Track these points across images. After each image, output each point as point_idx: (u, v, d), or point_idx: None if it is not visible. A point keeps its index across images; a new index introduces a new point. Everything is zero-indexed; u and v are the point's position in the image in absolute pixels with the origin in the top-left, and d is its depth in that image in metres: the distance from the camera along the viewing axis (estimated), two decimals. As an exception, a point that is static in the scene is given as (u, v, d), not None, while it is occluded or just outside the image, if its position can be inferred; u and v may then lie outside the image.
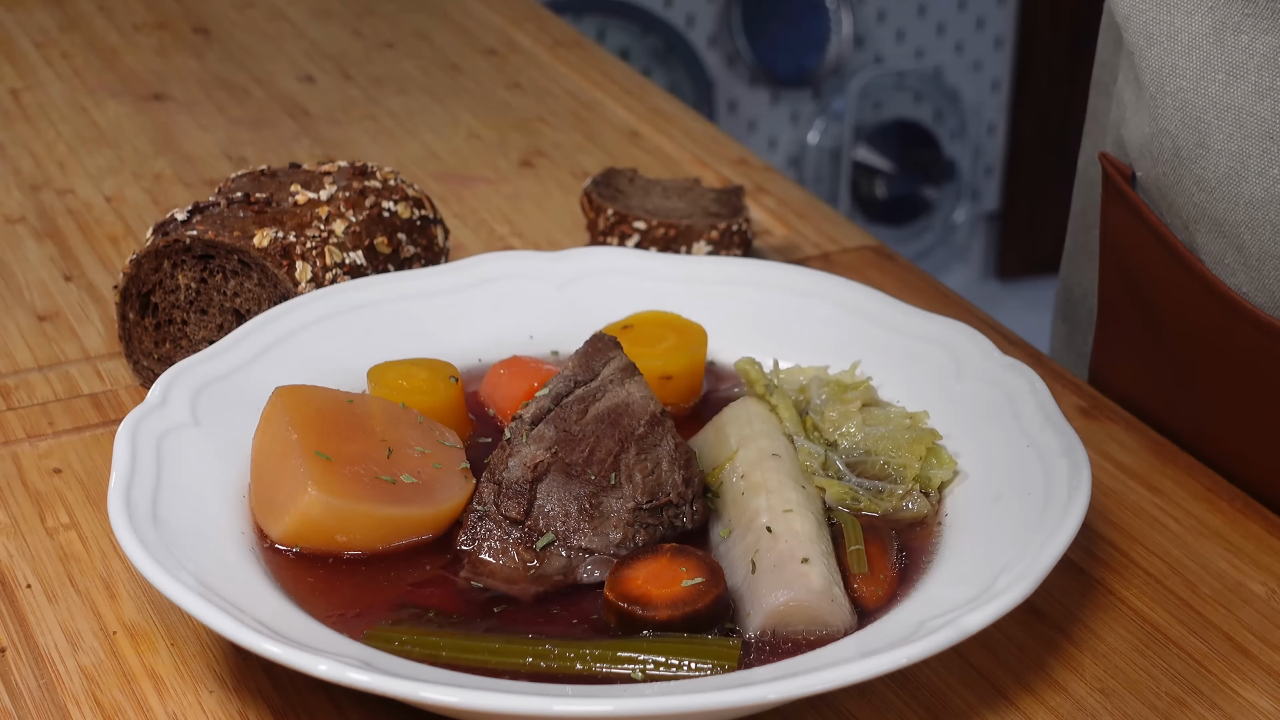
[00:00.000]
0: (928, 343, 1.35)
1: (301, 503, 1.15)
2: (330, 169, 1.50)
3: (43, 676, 1.14)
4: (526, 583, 1.14)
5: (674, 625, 1.09)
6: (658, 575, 1.11)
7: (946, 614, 1.06)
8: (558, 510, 1.16)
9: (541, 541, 1.15)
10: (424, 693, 1.00)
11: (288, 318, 1.35)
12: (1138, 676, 1.16)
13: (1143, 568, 1.26)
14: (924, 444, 1.25)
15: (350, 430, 1.20)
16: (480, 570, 1.15)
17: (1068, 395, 1.46)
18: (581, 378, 1.23)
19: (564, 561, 1.15)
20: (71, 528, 1.28)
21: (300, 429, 1.18)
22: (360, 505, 1.16)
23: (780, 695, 1.00)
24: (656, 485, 1.18)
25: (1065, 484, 1.16)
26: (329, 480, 1.16)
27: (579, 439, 1.19)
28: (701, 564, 1.12)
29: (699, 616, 1.09)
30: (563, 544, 1.15)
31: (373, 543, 1.17)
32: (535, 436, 1.18)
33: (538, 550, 1.15)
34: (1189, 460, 1.38)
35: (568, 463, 1.18)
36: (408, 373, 1.31)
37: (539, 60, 2.14)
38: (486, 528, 1.16)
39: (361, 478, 1.17)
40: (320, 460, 1.16)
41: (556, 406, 1.20)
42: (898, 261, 1.68)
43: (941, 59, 4.24)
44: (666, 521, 1.18)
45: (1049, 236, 3.97)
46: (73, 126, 1.94)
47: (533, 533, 1.16)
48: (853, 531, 1.18)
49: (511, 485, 1.16)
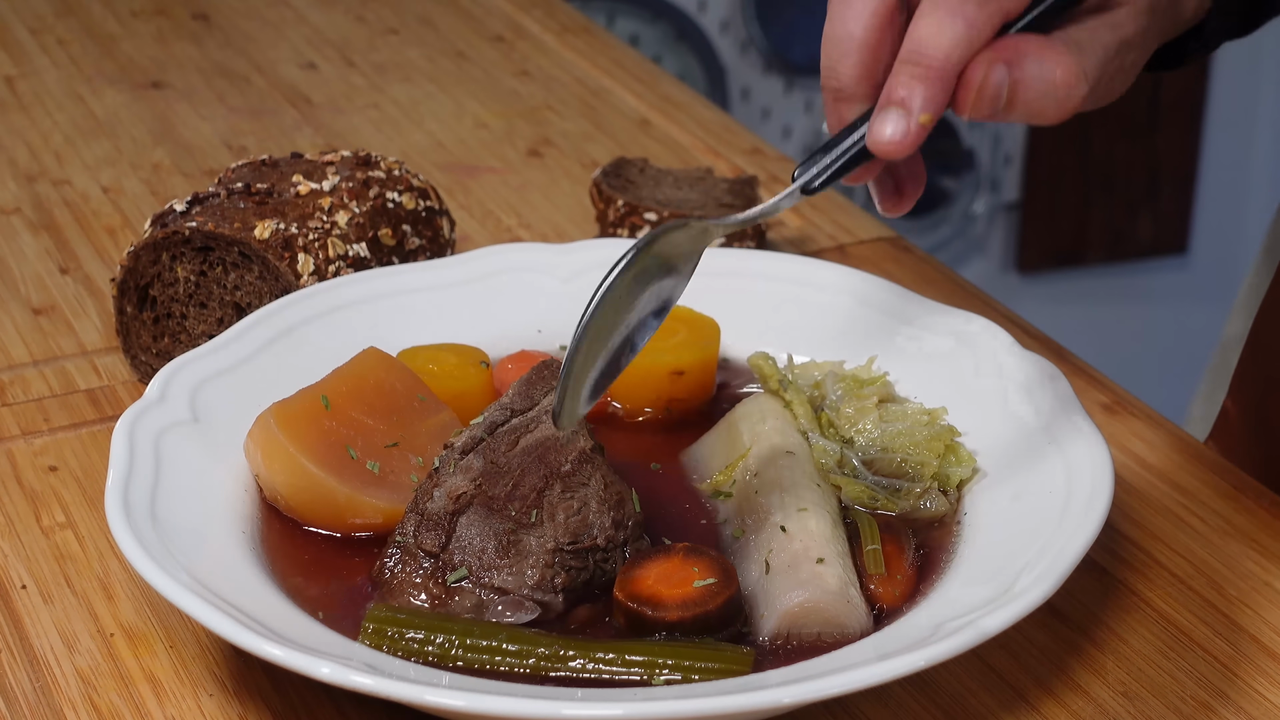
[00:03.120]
0: (946, 337, 1.35)
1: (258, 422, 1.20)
2: (333, 159, 1.50)
3: (38, 679, 1.14)
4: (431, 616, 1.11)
5: (685, 626, 1.09)
6: (669, 575, 1.11)
7: (965, 615, 1.06)
8: (475, 545, 1.13)
9: (453, 577, 1.12)
10: (429, 696, 1.00)
11: (289, 312, 1.35)
12: (1162, 680, 1.15)
13: (1167, 568, 1.26)
14: (942, 441, 1.25)
15: (383, 410, 1.23)
16: (391, 600, 1.13)
17: (1090, 390, 1.45)
18: (519, 406, 1.20)
19: (476, 599, 1.12)
20: (68, 527, 1.28)
21: (341, 380, 1.22)
22: (302, 458, 1.18)
23: (795, 699, 1.00)
24: (582, 526, 1.14)
25: (1087, 482, 1.16)
26: (292, 418, 1.19)
27: (504, 472, 1.16)
28: (714, 564, 1.12)
29: (711, 618, 1.09)
30: (475, 581, 1.12)
31: (309, 508, 1.19)
32: (463, 467, 1.16)
33: (448, 585, 1.13)
34: (1215, 458, 1.38)
35: (490, 496, 1.15)
36: (437, 357, 1.32)
37: (547, 47, 2.14)
38: (402, 558, 1.14)
39: (331, 442, 1.19)
40: (314, 403, 1.19)
41: (489, 436, 1.18)
42: (914, 253, 1.68)
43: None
44: (593, 565, 1.14)
45: (1070, 228, 3.97)
46: (69, 115, 1.94)
47: (446, 567, 1.13)
48: (869, 531, 1.18)
49: (431, 516, 1.14)
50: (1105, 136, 3.90)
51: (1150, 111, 3.90)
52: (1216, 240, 3.98)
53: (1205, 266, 4.00)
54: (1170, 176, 3.95)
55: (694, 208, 1.58)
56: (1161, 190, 3.96)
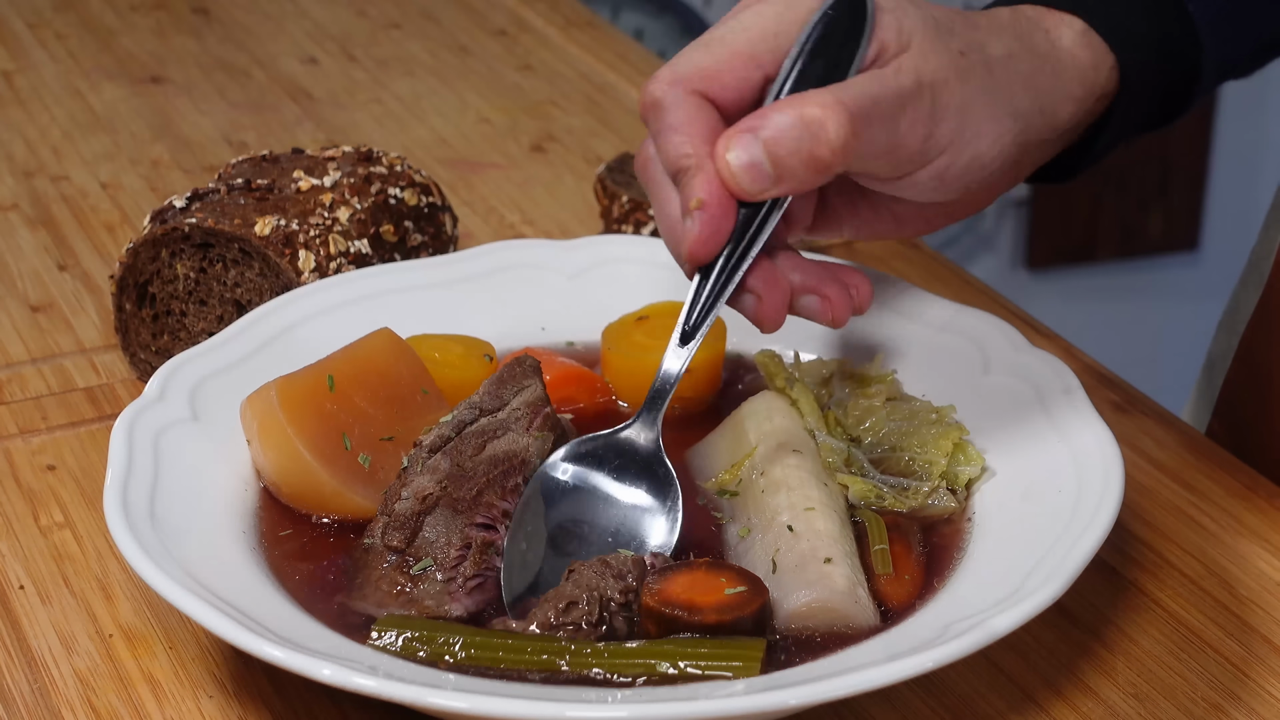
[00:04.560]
0: (954, 334, 1.35)
1: (259, 392, 1.21)
2: (334, 154, 1.50)
3: (36, 681, 1.14)
4: (396, 606, 1.12)
5: (723, 629, 1.08)
6: (699, 584, 1.10)
7: (974, 616, 1.06)
8: (440, 541, 1.14)
9: (417, 567, 1.13)
10: (431, 698, 1.00)
11: (290, 309, 1.35)
12: (1172, 681, 1.15)
13: (1178, 568, 1.26)
14: (950, 439, 1.25)
15: (385, 398, 1.23)
16: (354, 594, 1.13)
17: (1100, 389, 1.45)
18: (488, 406, 1.21)
19: (438, 588, 1.13)
20: (66, 527, 1.28)
21: (349, 361, 1.23)
22: (297, 441, 1.18)
23: (801, 700, 1.00)
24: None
25: (1097, 481, 1.16)
26: (295, 397, 1.20)
27: (469, 477, 1.17)
28: (741, 574, 1.11)
29: (747, 622, 1.08)
30: (440, 570, 1.13)
31: (293, 489, 1.20)
32: (430, 467, 1.17)
33: (411, 575, 1.13)
34: (1226, 456, 1.38)
35: (455, 498, 1.16)
36: (443, 346, 1.33)
37: (551, 41, 2.14)
38: (368, 555, 1.15)
39: (329, 427, 1.20)
40: (319, 382, 1.20)
41: (457, 436, 1.19)
42: (923, 250, 1.68)
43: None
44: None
45: (1080, 224, 3.96)
46: (67, 110, 1.94)
47: (410, 559, 1.14)
48: (877, 530, 1.18)
49: (398, 517, 1.15)
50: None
51: (1161, 107, 3.89)
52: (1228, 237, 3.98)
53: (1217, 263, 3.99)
54: (1181, 172, 3.94)
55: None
56: (1172, 186, 3.95)
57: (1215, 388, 1.56)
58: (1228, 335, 1.58)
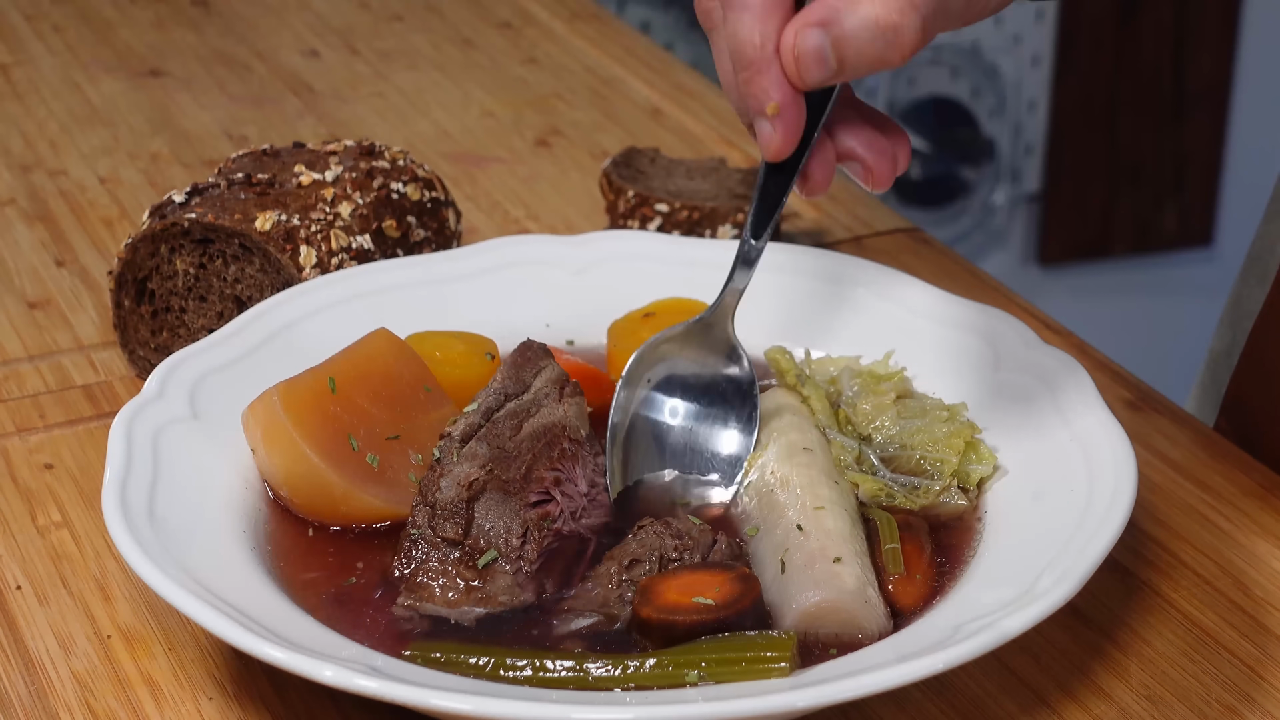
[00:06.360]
0: (965, 331, 1.35)
1: (261, 399, 1.20)
2: (336, 149, 1.50)
3: (33, 682, 1.14)
4: (470, 604, 1.13)
5: (723, 626, 1.08)
6: (690, 586, 1.10)
7: (985, 616, 1.06)
8: (499, 528, 1.15)
9: (484, 559, 1.14)
10: (433, 700, 1.00)
11: (291, 305, 1.35)
12: (1186, 683, 1.15)
13: (1192, 568, 1.26)
14: (962, 438, 1.25)
15: (387, 398, 1.23)
16: (420, 595, 1.13)
17: (1113, 387, 1.45)
18: (512, 390, 1.22)
19: (509, 579, 1.14)
20: (64, 526, 1.28)
21: (349, 362, 1.23)
22: (304, 444, 1.18)
23: (810, 702, 1.00)
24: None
25: (1110, 480, 1.16)
26: (298, 401, 1.20)
27: (514, 456, 1.18)
28: (731, 572, 1.11)
29: (745, 616, 1.08)
30: (507, 561, 1.14)
31: (304, 496, 1.19)
32: (467, 454, 1.18)
33: (480, 569, 1.14)
34: (1241, 455, 1.37)
35: (504, 480, 1.17)
36: (445, 344, 1.33)
37: (556, 34, 2.14)
38: (423, 551, 1.15)
39: (334, 430, 1.20)
40: (320, 385, 1.20)
41: (487, 422, 1.20)
42: (933, 246, 1.68)
43: (979, 32, 4.23)
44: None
45: (1093, 219, 3.96)
46: (65, 104, 1.94)
47: (474, 552, 1.14)
48: (887, 530, 1.18)
49: (446, 506, 1.15)
50: (1130, 126, 3.90)
51: (1176, 101, 3.89)
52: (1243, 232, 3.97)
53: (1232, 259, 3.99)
54: (1196, 167, 3.94)
55: (706, 199, 1.57)
56: (1187, 181, 3.95)
57: (1219, 384, 1.56)
58: (1230, 331, 1.57)
